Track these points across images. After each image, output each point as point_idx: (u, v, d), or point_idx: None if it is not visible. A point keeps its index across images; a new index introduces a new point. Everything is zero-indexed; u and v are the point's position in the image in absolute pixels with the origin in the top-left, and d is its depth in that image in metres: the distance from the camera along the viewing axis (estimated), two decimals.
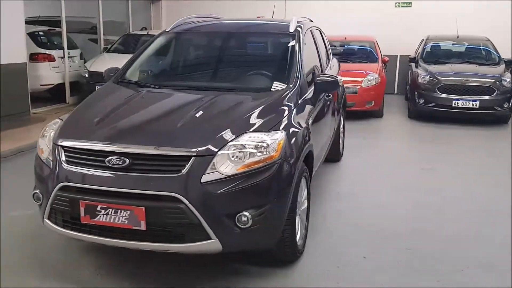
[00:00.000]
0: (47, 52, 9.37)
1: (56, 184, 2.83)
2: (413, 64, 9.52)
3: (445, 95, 8.21)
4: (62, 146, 2.89)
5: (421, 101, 8.48)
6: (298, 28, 4.15)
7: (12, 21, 7.70)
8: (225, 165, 2.70)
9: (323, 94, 4.07)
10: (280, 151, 2.88)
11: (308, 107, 3.65)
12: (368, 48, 9.83)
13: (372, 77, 8.63)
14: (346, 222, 4.05)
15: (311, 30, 4.62)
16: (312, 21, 5.40)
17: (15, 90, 7.92)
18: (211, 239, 2.68)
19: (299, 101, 3.53)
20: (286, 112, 3.24)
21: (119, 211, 2.68)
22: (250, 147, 2.79)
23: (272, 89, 3.53)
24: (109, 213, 2.70)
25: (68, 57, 9.74)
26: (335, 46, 10.00)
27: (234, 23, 4.65)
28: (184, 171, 2.64)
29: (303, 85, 3.67)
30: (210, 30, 4.37)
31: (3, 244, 3.48)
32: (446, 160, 6.10)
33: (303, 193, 3.37)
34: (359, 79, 8.57)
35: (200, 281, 3.06)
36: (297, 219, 3.25)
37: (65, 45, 9.64)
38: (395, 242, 3.64)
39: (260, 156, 2.79)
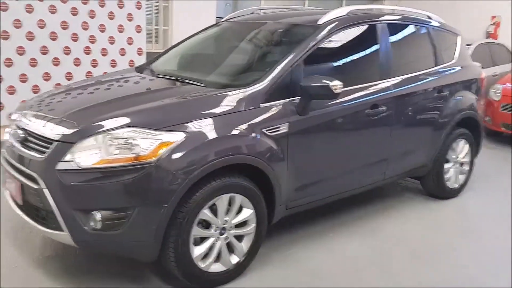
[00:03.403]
0: None
1: None
2: None
3: None
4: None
5: None
6: (332, 21, 3.39)
7: (205, 19, 8.66)
8: (83, 156, 2.49)
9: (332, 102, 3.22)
10: (160, 153, 2.49)
11: (277, 115, 2.96)
12: None
13: None
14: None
15: (377, 25, 3.67)
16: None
17: None
18: (62, 231, 2.55)
19: (261, 105, 2.92)
20: (213, 113, 2.76)
21: (12, 182, 2.83)
22: (120, 141, 2.50)
23: (232, 86, 3.02)
24: (10, 182, 2.88)
25: None
26: None
27: (274, 14, 4.11)
28: (46, 154, 2.58)
29: (282, 86, 3.01)
30: (240, 21, 3.98)
31: None
32: None
33: (235, 213, 2.83)
34: None
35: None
36: (213, 241, 2.77)
37: None
38: None
39: (125, 154, 2.48)
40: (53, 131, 2.62)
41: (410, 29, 4.06)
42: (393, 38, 3.76)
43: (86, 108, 2.85)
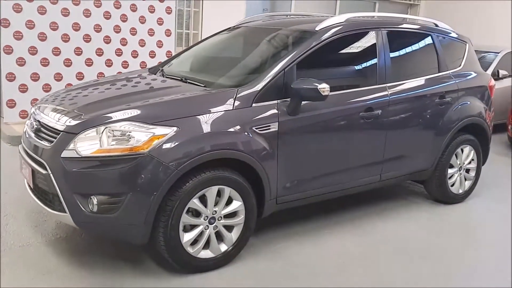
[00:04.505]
0: None
1: None
2: None
3: None
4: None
5: None
6: (329, 28, 3.55)
7: (234, 23, 8.92)
8: (84, 146, 2.78)
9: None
10: (151, 146, 2.75)
11: (268, 114, 3.16)
12: None
13: None
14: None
15: (375, 32, 3.79)
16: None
17: None
18: (65, 212, 2.84)
19: (253, 104, 3.13)
20: (206, 110, 2.99)
21: (26, 167, 3.16)
22: (117, 133, 2.78)
23: (228, 86, 3.24)
24: (24, 168, 3.22)
25: None
26: None
27: (281, 20, 4.29)
28: (54, 143, 2.89)
29: (274, 88, 3.20)
30: (248, 27, 4.20)
31: None
32: None
33: (224, 204, 3.04)
34: None
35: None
36: (202, 228, 2.99)
37: None
38: None
39: (121, 145, 2.76)
40: (61, 122, 2.93)
41: (412, 36, 4.15)
42: (392, 45, 3.85)
43: (93, 102, 3.17)
